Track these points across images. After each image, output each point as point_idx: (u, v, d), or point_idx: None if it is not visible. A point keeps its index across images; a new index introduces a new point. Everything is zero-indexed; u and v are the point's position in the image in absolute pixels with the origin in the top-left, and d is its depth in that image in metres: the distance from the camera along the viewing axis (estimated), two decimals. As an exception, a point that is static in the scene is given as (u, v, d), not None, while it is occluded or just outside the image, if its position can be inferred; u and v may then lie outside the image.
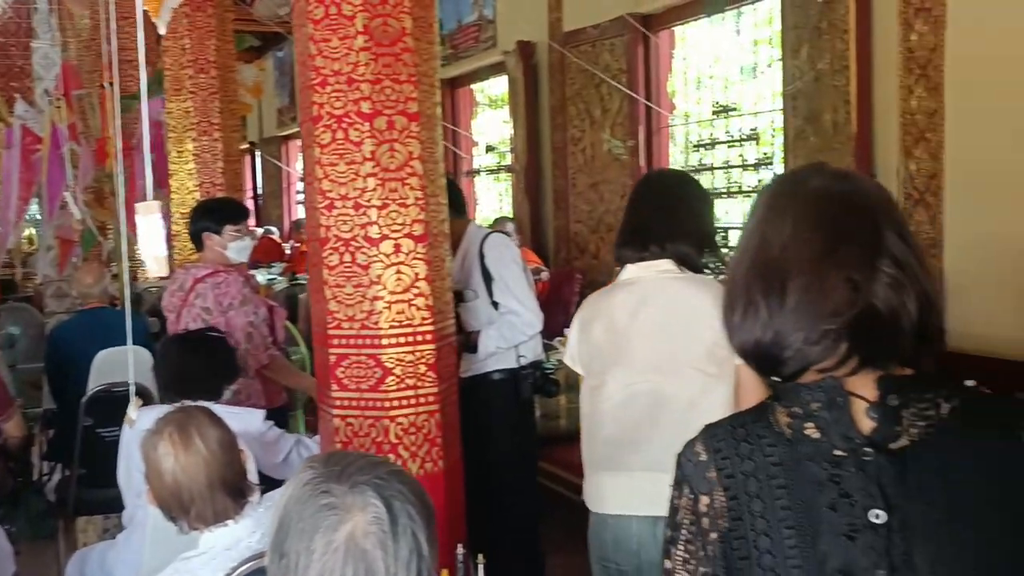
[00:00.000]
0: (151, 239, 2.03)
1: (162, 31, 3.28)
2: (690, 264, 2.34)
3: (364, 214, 2.49)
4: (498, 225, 6.21)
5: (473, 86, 7.87)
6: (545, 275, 5.84)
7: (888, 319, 1.06)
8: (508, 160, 7.25)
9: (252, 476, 2.05)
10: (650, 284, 2.33)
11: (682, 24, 5.36)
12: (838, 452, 1.08)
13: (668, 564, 1.19)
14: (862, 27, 3.89)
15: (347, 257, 2.52)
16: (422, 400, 2.58)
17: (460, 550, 2.38)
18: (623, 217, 2.49)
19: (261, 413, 2.99)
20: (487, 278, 3.35)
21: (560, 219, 6.40)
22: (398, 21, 2.48)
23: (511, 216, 6.64)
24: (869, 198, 1.13)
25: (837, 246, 1.08)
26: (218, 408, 2.29)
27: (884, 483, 1.05)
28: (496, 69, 7.12)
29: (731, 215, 5.08)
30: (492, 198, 7.90)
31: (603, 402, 2.36)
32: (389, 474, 1.22)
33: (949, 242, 3.69)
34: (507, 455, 3.47)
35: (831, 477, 1.07)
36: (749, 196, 4.89)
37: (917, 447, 1.06)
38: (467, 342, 3.38)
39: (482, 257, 3.35)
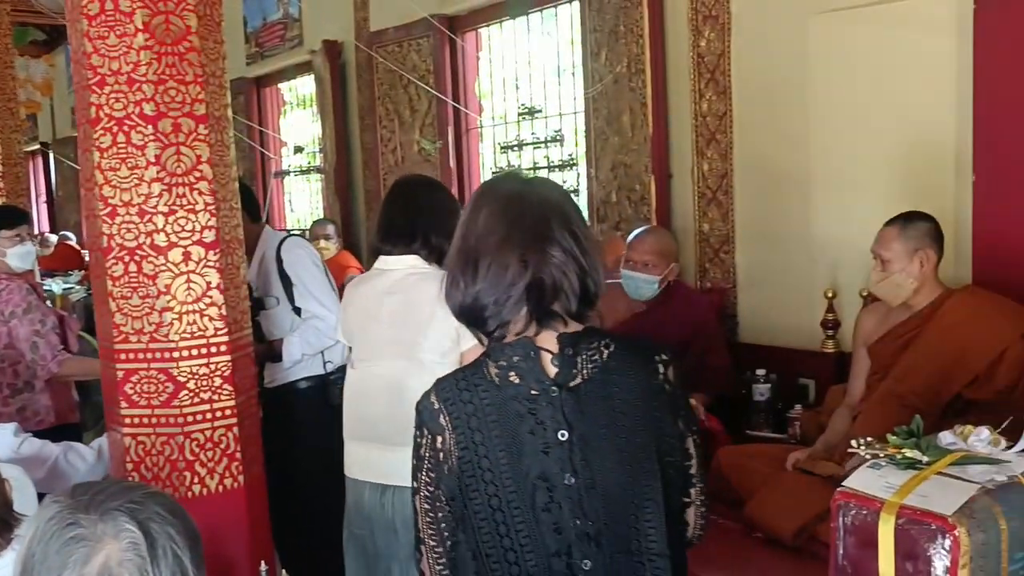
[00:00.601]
0: None
1: (-79, 23, 3.02)
2: (441, 259, 2.53)
3: (150, 221, 2.37)
4: (318, 228, 6.03)
5: (280, 85, 7.66)
6: None
7: (551, 288, 1.47)
8: (318, 161, 7.11)
9: (26, 505, 1.91)
10: (395, 277, 2.56)
11: (487, 26, 5.40)
12: (533, 391, 1.47)
13: (415, 484, 1.55)
14: (655, 32, 4.03)
15: (132, 267, 2.39)
16: (219, 414, 2.48)
17: (263, 567, 2.32)
18: (378, 216, 2.71)
19: (10, 427, 2.78)
20: (286, 283, 3.27)
21: (373, 220, 6.30)
22: (182, 19, 2.37)
23: (331, 219, 6.48)
24: (545, 199, 1.53)
25: (514, 234, 1.48)
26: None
27: (567, 411, 1.45)
28: (303, 68, 6.96)
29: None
30: (304, 200, 7.72)
31: (351, 380, 2.63)
32: (145, 496, 1.16)
33: (740, 238, 3.88)
34: (318, 464, 3.39)
35: (529, 410, 1.46)
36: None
37: (588, 383, 1.47)
38: (271, 351, 3.29)
39: (280, 261, 3.27)
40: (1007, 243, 3.07)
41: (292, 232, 7.42)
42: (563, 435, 1.45)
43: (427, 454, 1.52)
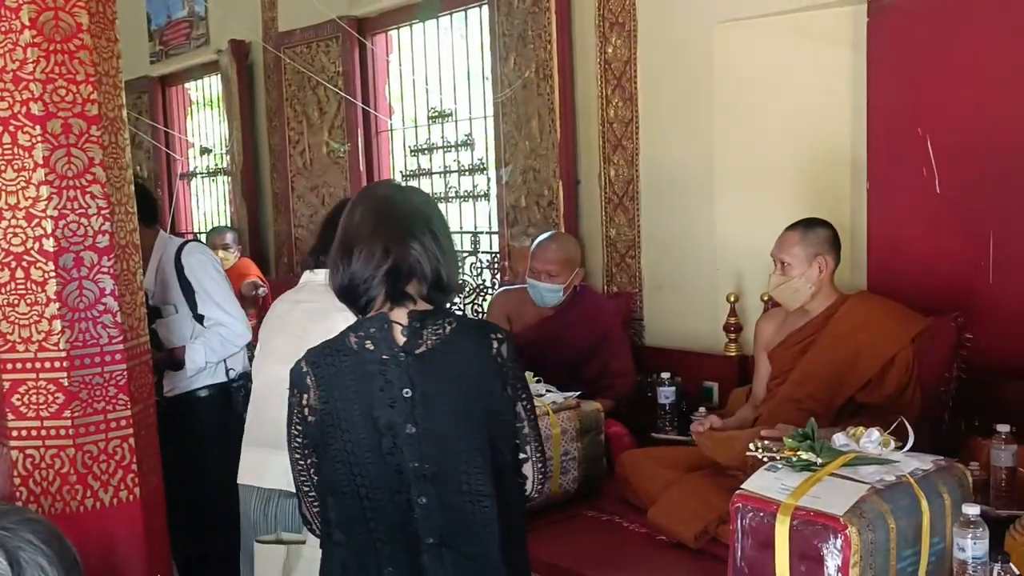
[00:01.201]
0: None
1: None
2: None
3: (38, 226, 2.29)
4: (215, 237, 5.87)
5: (187, 85, 7.48)
6: (263, 291, 5.62)
7: (407, 273, 1.80)
8: (225, 163, 6.96)
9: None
10: (309, 288, 2.60)
11: (396, 29, 5.36)
12: (384, 356, 1.78)
13: (287, 438, 1.84)
14: (563, 38, 4.05)
15: (20, 273, 2.30)
16: (113, 425, 2.41)
17: (159, 581, 2.26)
18: None
19: None
20: (187, 289, 3.19)
21: (281, 224, 6.23)
22: (72, 16, 2.30)
23: (230, 226, 6.33)
24: (411, 203, 1.88)
25: (381, 228, 1.81)
26: None
27: (411, 373, 1.76)
28: (210, 68, 6.81)
29: (450, 219, 5.14)
30: (212, 202, 7.54)
31: (253, 389, 2.67)
32: (18, 523, 1.10)
33: (645, 243, 3.93)
34: (221, 473, 3.32)
35: (380, 371, 1.77)
36: (466, 200, 4.98)
37: (431, 351, 1.78)
38: (172, 359, 3.21)
39: (180, 268, 3.19)
40: (899, 249, 3.18)
41: (197, 236, 7.26)
42: (407, 392, 1.76)
43: (295, 410, 1.82)
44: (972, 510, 1.91)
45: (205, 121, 7.39)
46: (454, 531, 1.76)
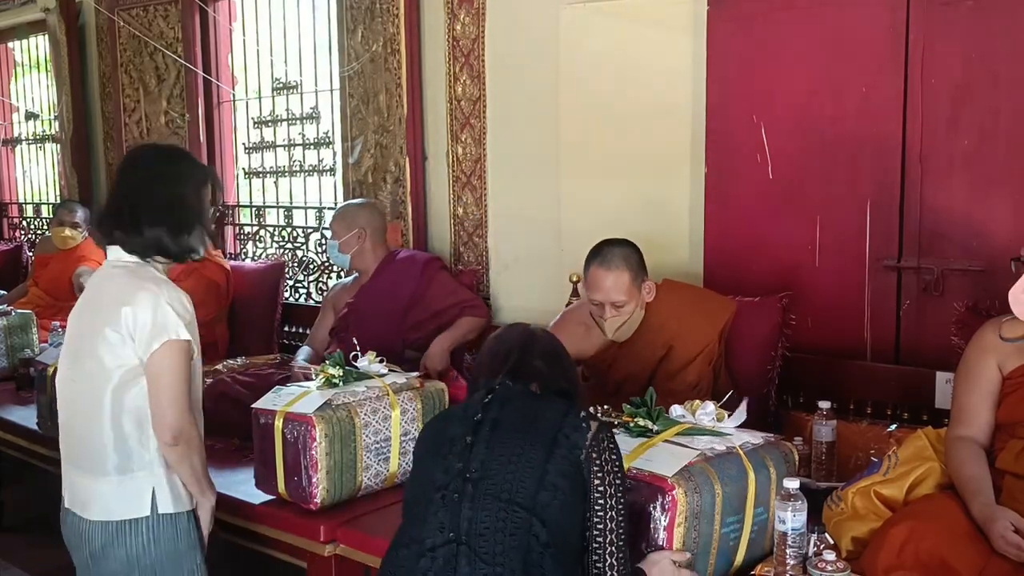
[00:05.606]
0: None
1: None
2: (162, 249, 2.26)
3: None
4: (64, 213, 5.34)
5: (10, 44, 6.99)
6: None
7: (524, 375, 1.97)
8: (54, 129, 6.55)
9: None
10: (101, 273, 2.31)
11: (241, -5, 5.17)
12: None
13: None
14: (411, 13, 4.01)
15: None
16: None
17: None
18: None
19: None
20: None
21: (116, 196, 5.90)
22: None
23: (80, 202, 5.81)
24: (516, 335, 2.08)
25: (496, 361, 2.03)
26: None
27: (476, 443, 1.82)
28: (36, 27, 6.38)
29: (294, 193, 5.02)
30: (39, 171, 7.07)
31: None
32: None
33: (492, 222, 3.93)
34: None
35: (452, 433, 1.86)
36: (311, 174, 4.86)
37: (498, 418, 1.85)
38: None
39: None
40: (735, 232, 3.28)
41: (23, 206, 6.83)
42: (468, 439, 1.83)
43: None
44: (792, 484, 1.98)
45: (31, 84, 6.94)
46: None
